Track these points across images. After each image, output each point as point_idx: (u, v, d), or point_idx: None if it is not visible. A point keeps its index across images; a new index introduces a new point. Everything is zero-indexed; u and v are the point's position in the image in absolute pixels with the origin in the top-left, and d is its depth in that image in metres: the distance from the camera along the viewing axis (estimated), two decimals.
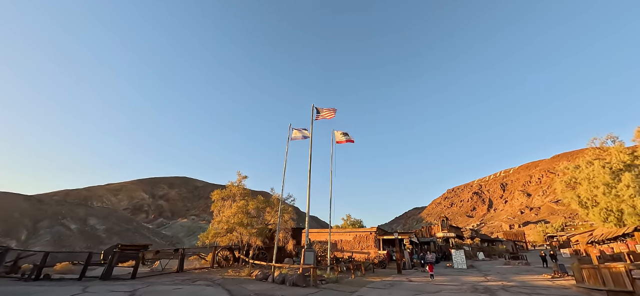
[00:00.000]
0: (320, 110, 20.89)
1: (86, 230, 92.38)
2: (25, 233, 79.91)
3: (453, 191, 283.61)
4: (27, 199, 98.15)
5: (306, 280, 12.68)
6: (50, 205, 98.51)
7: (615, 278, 9.86)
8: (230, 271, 17.12)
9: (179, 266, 16.54)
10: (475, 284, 14.41)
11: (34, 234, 79.85)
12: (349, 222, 53.45)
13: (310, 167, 18.65)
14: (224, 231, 17.72)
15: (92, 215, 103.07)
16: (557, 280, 16.08)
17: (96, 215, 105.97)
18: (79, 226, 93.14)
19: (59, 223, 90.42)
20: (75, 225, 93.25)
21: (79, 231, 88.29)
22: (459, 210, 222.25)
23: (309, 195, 17.64)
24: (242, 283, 13.41)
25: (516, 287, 13.21)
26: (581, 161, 28.77)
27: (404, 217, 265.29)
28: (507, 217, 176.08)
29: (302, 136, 20.64)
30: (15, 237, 75.07)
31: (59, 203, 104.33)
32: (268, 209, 21.08)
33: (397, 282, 15.10)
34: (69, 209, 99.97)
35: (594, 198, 25.73)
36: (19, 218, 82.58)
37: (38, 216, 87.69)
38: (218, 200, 19.97)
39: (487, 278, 17.50)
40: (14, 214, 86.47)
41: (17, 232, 78.56)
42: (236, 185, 19.84)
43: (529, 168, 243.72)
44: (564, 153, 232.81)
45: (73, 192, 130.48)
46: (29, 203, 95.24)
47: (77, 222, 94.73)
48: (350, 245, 32.52)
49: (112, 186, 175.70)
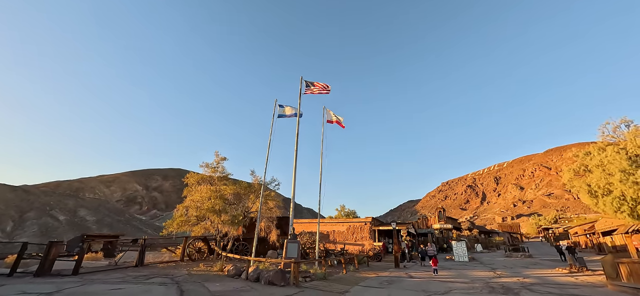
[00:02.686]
0: (310, 83, 18.30)
1: (75, 221, 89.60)
2: (11, 224, 77.04)
3: (447, 184, 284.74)
4: (13, 190, 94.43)
5: (285, 277, 10.28)
6: (37, 196, 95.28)
7: None
8: (202, 266, 14.66)
9: (139, 260, 14.03)
10: (488, 281, 12.21)
11: (20, 225, 77.04)
12: (343, 212, 51.41)
13: (296, 146, 16.14)
14: (194, 219, 15.23)
15: (82, 207, 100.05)
16: (577, 276, 14.02)
17: (86, 206, 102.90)
18: (68, 217, 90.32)
19: (46, 214, 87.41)
20: (64, 216, 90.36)
21: (68, 223, 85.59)
22: (453, 203, 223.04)
23: (295, 177, 15.17)
24: (208, 280, 10.97)
25: (539, 285, 11.03)
26: (592, 147, 26.72)
27: (398, 209, 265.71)
28: (500, 209, 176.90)
29: (289, 113, 18.09)
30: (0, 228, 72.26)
31: (47, 194, 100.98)
32: (252, 196, 18.58)
33: (396, 278, 12.84)
34: (58, 200, 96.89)
35: (606, 187, 23.77)
36: (4, 209, 79.52)
37: (24, 207, 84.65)
38: (194, 185, 17.41)
39: (496, 273, 15.38)
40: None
41: (2, 223, 75.60)
42: (214, 166, 17.25)
43: (523, 162, 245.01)
44: (557, 147, 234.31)
45: (64, 183, 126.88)
46: (15, 194, 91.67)
47: (66, 213, 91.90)
48: (344, 237, 30.34)
49: (105, 177, 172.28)
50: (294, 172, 15.36)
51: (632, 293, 9.05)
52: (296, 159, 15.70)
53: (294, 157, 15.80)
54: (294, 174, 15.28)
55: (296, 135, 16.46)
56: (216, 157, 17.49)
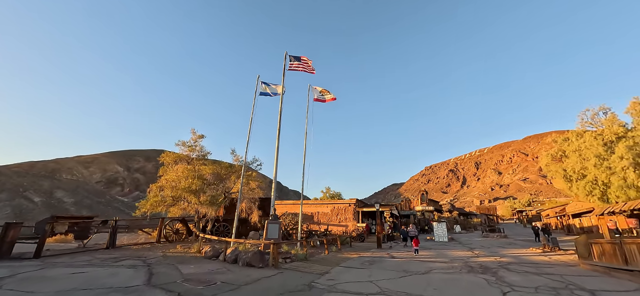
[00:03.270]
0: (295, 58, 17.39)
1: (52, 203, 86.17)
2: None
3: (430, 168, 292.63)
4: None
5: (264, 258, 9.92)
6: (9, 177, 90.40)
7: None
8: (179, 247, 14.10)
9: (110, 242, 13.28)
10: (466, 260, 12.39)
11: None
12: (328, 194, 51.67)
13: (279, 124, 15.46)
14: (170, 199, 14.48)
15: (59, 188, 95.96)
16: (551, 255, 14.53)
17: (64, 187, 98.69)
18: (43, 199, 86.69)
19: (20, 196, 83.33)
20: (40, 198, 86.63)
21: (44, 205, 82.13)
22: (435, 187, 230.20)
23: (277, 156, 14.60)
24: (182, 262, 10.46)
25: (515, 264, 11.26)
26: (571, 133, 27.54)
27: (382, 192, 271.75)
28: (478, 193, 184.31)
29: (271, 92, 17.23)
30: None
31: (20, 175, 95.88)
32: (232, 177, 17.90)
33: (378, 259, 12.81)
34: (32, 181, 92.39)
35: (581, 171, 24.72)
36: None
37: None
38: (170, 164, 16.49)
39: (474, 252, 15.74)
40: None
41: None
42: (190, 144, 16.32)
43: (502, 148, 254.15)
44: (535, 134, 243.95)
45: (39, 164, 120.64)
46: None
47: (42, 195, 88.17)
48: (328, 218, 30.43)
49: (83, 158, 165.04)
50: (277, 151, 14.78)
51: (604, 272, 9.32)
52: (279, 138, 15.08)
53: (277, 135, 15.16)
54: (277, 153, 14.71)
55: (279, 114, 15.76)
56: (193, 135, 16.54)
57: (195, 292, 6.44)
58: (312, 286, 7.32)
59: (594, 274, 9.19)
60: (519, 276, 8.80)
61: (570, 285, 7.51)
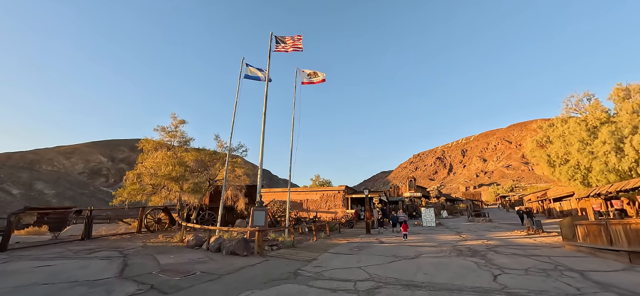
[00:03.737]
0: (281, 39, 16.61)
1: (32, 195, 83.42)
2: None
3: (418, 156, 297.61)
4: None
5: (248, 246, 9.51)
6: None
7: (637, 236, 7.90)
8: (161, 237, 13.49)
9: (85, 233, 12.52)
10: (455, 244, 12.39)
11: None
12: (318, 182, 51.61)
13: (265, 108, 14.82)
14: (149, 187, 13.75)
15: (39, 179, 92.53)
16: (535, 237, 14.78)
17: (44, 179, 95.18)
18: (23, 191, 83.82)
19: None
20: (18, 190, 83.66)
21: (23, 197, 79.36)
22: (423, 174, 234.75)
23: (263, 141, 14.03)
24: (163, 252, 9.92)
25: (502, 247, 11.30)
26: (556, 120, 28.03)
27: (371, 179, 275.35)
28: (464, 179, 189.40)
29: (257, 74, 16.45)
30: None
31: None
32: (217, 164, 17.21)
33: (366, 244, 12.64)
34: (10, 173, 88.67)
35: (564, 156, 25.30)
36: None
37: None
38: (150, 151, 15.62)
39: (462, 236, 15.86)
40: None
41: None
42: (171, 130, 15.46)
43: (487, 136, 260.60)
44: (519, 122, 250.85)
45: (16, 155, 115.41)
46: None
47: (21, 187, 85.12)
48: (317, 205, 30.28)
49: (64, 149, 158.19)
50: (262, 136, 14.20)
51: (589, 252, 9.41)
52: (264, 123, 14.48)
53: (263, 120, 14.55)
54: (262, 138, 14.13)
55: (265, 97, 15.09)
56: (173, 120, 15.68)
57: (170, 284, 5.97)
58: (298, 273, 6.98)
59: (579, 255, 9.26)
60: (508, 258, 8.75)
61: (559, 266, 7.47)
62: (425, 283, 5.96)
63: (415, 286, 5.77)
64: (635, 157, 19.35)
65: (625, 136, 20.54)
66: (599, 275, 6.37)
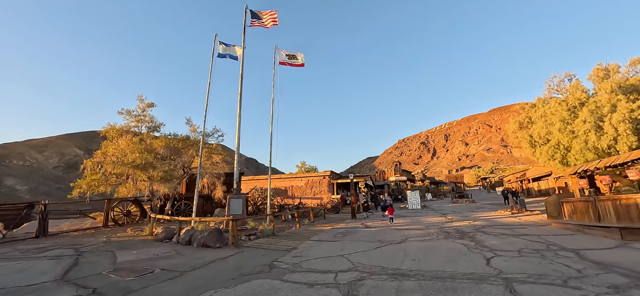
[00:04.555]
0: (257, 14, 15.30)
1: (3, 191, 78.24)
2: None
3: (403, 141, 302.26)
4: None
5: (222, 237, 8.64)
6: None
7: (628, 212, 7.66)
8: (129, 231, 12.37)
9: (40, 230, 11.22)
10: (441, 226, 12.04)
11: None
12: (304, 168, 50.85)
13: (241, 88, 13.68)
14: (113, 177, 12.47)
15: (9, 175, 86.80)
16: (519, 216, 14.77)
17: (15, 174, 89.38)
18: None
19: None
20: None
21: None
22: (408, 159, 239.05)
23: (239, 124, 12.97)
24: (125, 247, 8.90)
25: (490, 227, 11.02)
26: (538, 100, 28.27)
27: (358, 165, 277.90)
28: (447, 163, 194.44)
29: (230, 54, 15.15)
30: None
31: None
32: (191, 151, 15.93)
33: (352, 230, 12.07)
34: None
35: (546, 136, 25.66)
36: None
37: None
38: (114, 138, 14.17)
39: (447, 217, 15.67)
40: None
41: None
42: (137, 114, 14.03)
43: (469, 121, 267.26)
44: (500, 107, 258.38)
45: None
46: None
47: None
48: (302, 191, 29.62)
49: (36, 142, 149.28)
50: (239, 118, 13.12)
51: (576, 229, 9.20)
52: (240, 103, 13.37)
53: (238, 100, 13.43)
54: (239, 120, 13.06)
55: (240, 77, 13.91)
56: (140, 103, 14.22)
57: (119, 286, 5.06)
58: (274, 266, 6.22)
59: (567, 232, 9.03)
60: (497, 239, 8.37)
61: (552, 245, 7.10)
62: (413, 271, 5.35)
63: (403, 275, 5.15)
64: (614, 134, 19.67)
65: (604, 115, 20.84)
66: (595, 254, 5.99)
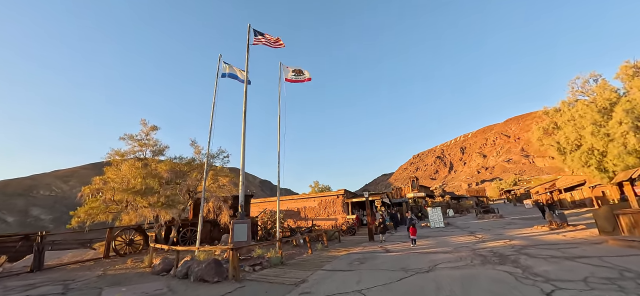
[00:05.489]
0: (260, 33, 14.96)
1: (28, 221, 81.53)
2: None
3: (418, 156, 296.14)
4: None
5: (221, 269, 7.59)
6: None
7: None
8: (130, 262, 11.54)
9: (34, 263, 10.58)
10: (473, 248, 10.51)
11: None
12: (317, 188, 49.60)
13: (245, 107, 13.04)
14: (114, 205, 11.83)
15: (35, 205, 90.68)
16: (562, 232, 12.92)
17: (40, 204, 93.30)
18: (18, 218, 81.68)
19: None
20: (14, 217, 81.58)
21: (19, 224, 77.36)
22: (424, 174, 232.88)
23: (244, 144, 12.20)
24: (117, 283, 8.00)
25: (532, 247, 9.43)
26: (562, 104, 26.36)
27: (373, 183, 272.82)
28: (465, 177, 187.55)
29: (234, 73, 14.78)
30: None
31: None
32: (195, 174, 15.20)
33: (370, 255, 10.72)
34: (5, 200, 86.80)
35: (576, 142, 23.59)
36: None
37: None
38: (119, 164, 13.75)
39: (477, 236, 13.98)
40: None
41: None
42: (141, 138, 13.58)
43: (485, 132, 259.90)
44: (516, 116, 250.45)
45: (13, 182, 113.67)
46: None
47: (17, 214, 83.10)
48: (316, 212, 28.29)
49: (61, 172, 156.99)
50: (243, 137, 12.38)
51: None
52: (245, 123, 12.68)
53: (243, 120, 12.75)
54: (243, 139, 12.31)
55: (244, 95, 13.33)
56: (144, 127, 13.83)
57: None
58: None
59: (635, 252, 7.40)
60: (549, 263, 6.89)
61: (626, 271, 5.61)
62: None
63: None
64: None
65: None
66: None
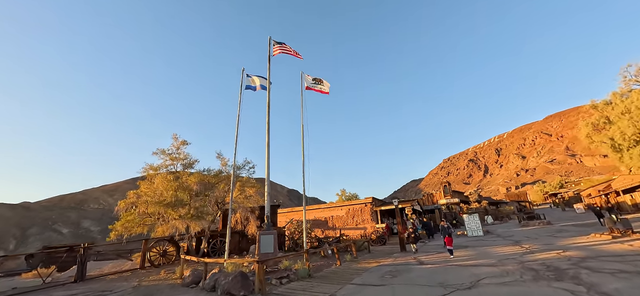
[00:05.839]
0: (280, 43, 15.11)
1: (80, 233, 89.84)
2: (14, 242, 76.61)
3: (449, 160, 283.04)
4: (12, 208, 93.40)
5: (247, 282, 7.43)
6: (38, 212, 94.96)
7: None
8: (163, 273, 11.86)
9: (78, 274, 11.22)
10: (520, 259, 9.41)
11: (23, 242, 76.67)
12: (344, 196, 48.85)
13: (268, 117, 13.10)
14: (147, 217, 12.31)
15: (85, 218, 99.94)
16: (629, 241, 11.23)
17: (90, 217, 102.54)
18: (71, 229, 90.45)
19: (49, 229, 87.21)
20: (68, 229, 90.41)
21: (72, 235, 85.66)
22: (456, 178, 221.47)
23: (268, 152, 12.19)
24: (149, 294, 8.15)
25: (592, 259, 8.20)
26: (613, 96, 23.68)
27: (402, 190, 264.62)
28: (503, 180, 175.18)
29: (258, 85, 15.05)
30: (2, 247, 71.35)
31: (48, 209, 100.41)
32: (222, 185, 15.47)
33: (402, 267, 10.02)
34: (60, 214, 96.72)
35: (634, 137, 20.90)
36: (3, 227, 78.89)
37: (25, 224, 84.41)
38: (153, 178, 14.40)
39: (523, 246, 12.62)
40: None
41: (3, 242, 74.96)
42: (171, 152, 14.17)
43: (523, 131, 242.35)
44: (557, 113, 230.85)
45: (68, 197, 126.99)
46: (15, 212, 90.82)
47: (70, 226, 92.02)
48: (343, 221, 27.66)
49: (108, 187, 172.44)
50: (267, 148, 12.38)
51: None
52: (268, 134, 12.70)
53: (266, 131, 12.79)
54: (267, 151, 12.30)
55: (267, 105, 13.41)
56: (175, 141, 14.42)
57: None
58: None
59: None
60: (618, 280, 5.86)
61: None
62: None
63: None
64: None
65: None
66: None
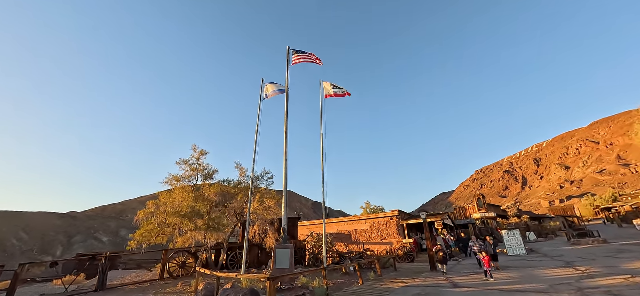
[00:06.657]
0: (299, 52, 14.90)
1: (118, 241, 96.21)
2: (61, 248, 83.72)
3: (482, 172, 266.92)
4: (61, 217, 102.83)
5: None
6: (83, 221, 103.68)
7: None
8: (180, 286, 11.65)
9: (98, 284, 11.33)
10: (578, 285, 7.89)
11: (68, 249, 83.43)
12: (369, 209, 47.17)
13: (286, 126, 12.74)
14: (166, 228, 12.30)
15: (123, 227, 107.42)
16: None
17: (127, 226, 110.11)
18: (110, 238, 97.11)
19: (92, 237, 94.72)
20: (108, 237, 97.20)
21: (111, 243, 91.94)
22: (491, 191, 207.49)
23: (286, 165, 11.75)
24: None
25: None
26: None
27: (431, 203, 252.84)
28: (545, 193, 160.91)
29: (277, 90, 14.87)
30: (51, 253, 78.35)
31: (92, 219, 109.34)
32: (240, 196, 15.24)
33: (433, 290, 8.87)
34: (102, 223, 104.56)
35: None
36: (54, 235, 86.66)
37: (72, 232, 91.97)
38: (176, 189, 14.55)
39: (578, 269, 10.81)
40: (49, 232, 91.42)
41: (52, 248, 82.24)
42: (192, 163, 14.27)
43: (565, 140, 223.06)
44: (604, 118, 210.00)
45: (109, 207, 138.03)
46: (63, 221, 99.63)
47: (109, 235, 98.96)
48: (368, 235, 26.33)
49: (144, 198, 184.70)
50: (285, 158, 11.95)
51: None
52: (286, 144, 12.30)
53: (284, 140, 12.41)
54: (285, 161, 11.87)
55: (285, 114, 13.09)
56: (194, 152, 14.53)
57: None
58: None
59: None
60: None
61: None
62: None
63: None
64: None
65: None
66: None
